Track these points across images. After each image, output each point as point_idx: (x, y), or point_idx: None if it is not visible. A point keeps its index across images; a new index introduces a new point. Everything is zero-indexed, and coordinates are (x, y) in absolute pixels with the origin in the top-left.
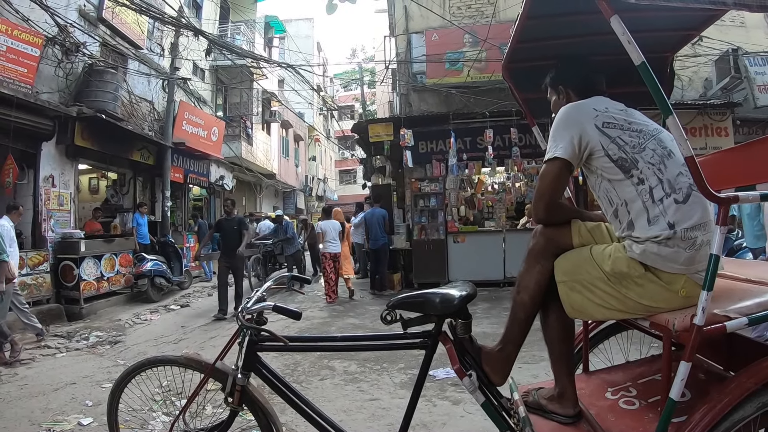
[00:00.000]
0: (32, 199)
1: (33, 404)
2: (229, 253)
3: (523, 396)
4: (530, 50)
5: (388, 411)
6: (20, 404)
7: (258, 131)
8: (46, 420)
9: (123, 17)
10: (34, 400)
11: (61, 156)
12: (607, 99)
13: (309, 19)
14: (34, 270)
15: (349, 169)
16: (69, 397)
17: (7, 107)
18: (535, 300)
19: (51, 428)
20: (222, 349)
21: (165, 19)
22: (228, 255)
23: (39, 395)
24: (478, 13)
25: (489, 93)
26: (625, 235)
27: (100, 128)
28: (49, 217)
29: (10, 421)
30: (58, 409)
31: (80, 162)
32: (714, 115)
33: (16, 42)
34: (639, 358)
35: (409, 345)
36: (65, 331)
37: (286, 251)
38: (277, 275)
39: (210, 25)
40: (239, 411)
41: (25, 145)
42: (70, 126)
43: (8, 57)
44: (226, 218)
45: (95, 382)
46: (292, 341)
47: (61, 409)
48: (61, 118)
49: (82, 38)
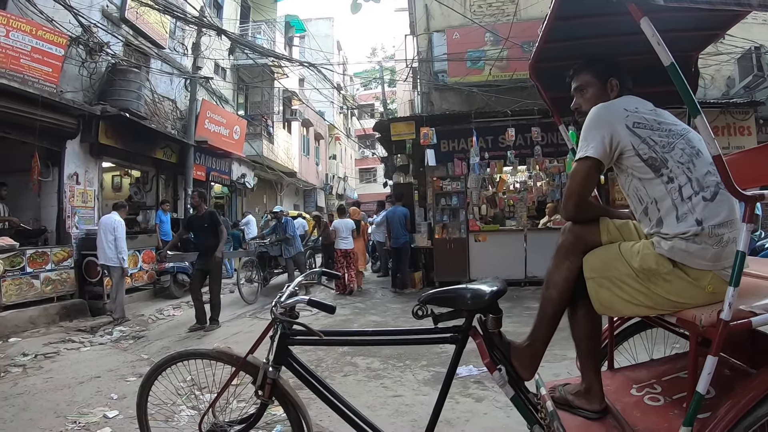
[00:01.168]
0: (57, 196)
1: (58, 397)
2: (203, 254)
3: (550, 391)
4: (558, 50)
5: (411, 407)
6: (46, 397)
7: (279, 130)
8: (71, 412)
9: (146, 17)
10: (59, 393)
11: (86, 154)
12: (638, 99)
13: (329, 18)
14: (58, 266)
15: (369, 167)
16: (94, 390)
17: (33, 106)
18: (564, 296)
19: (77, 420)
20: (254, 342)
21: (188, 18)
22: (200, 257)
23: (64, 388)
24: (499, 11)
25: (511, 92)
26: (653, 232)
27: (124, 127)
28: (74, 214)
29: (36, 413)
30: (83, 402)
31: (104, 160)
32: (737, 114)
33: (41, 42)
34: (663, 356)
35: (439, 339)
36: (89, 326)
37: (286, 253)
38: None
39: (231, 25)
40: (269, 404)
41: (50, 143)
42: (94, 124)
43: (33, 57)
44: (195, 215)
45: (120, 376)
46: (326, 335)
47: (86, 401)
48: (85, 117)
49: (105, 38)
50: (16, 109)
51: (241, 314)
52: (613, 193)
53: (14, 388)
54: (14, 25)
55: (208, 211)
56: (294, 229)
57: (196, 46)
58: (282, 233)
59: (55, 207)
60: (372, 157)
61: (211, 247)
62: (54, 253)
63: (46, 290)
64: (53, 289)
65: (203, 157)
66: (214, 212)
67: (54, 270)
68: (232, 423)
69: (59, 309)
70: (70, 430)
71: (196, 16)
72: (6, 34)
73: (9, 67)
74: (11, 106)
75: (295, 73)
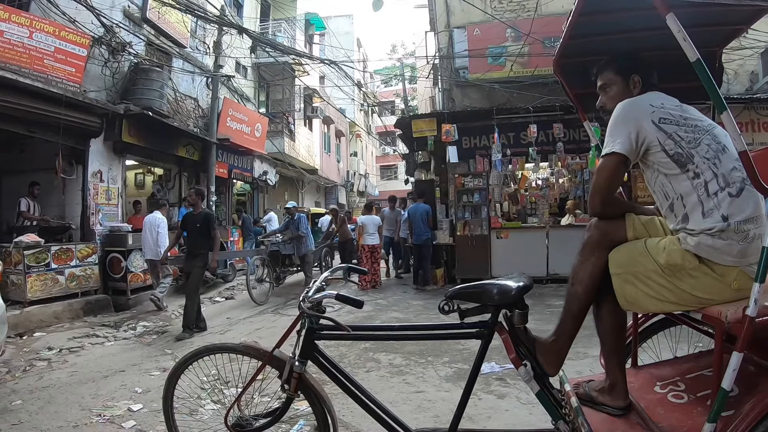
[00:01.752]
0: (81, 194)
1: (83, 390)
2: (189, 256)
3: (574, 388)
4: (582, 46)
5: (434, 403)
6: (71, 390)
7: (300, 127)
8: (96, 405)
9: (167, 17)
10: (84, 387)
11: (109, 152)
12: (663, 94)
13: (348, 16)
14: (83, 262)
15: (390, 164)
16: (118, 383)
17: (57, 105)
18: (589, 292)
19: (101, 413)
20: (281, 337)
21: (209, 17)
22: (187, 259)
23: (89, 382)
24: (520, 6)
25: (532, 88)
26: (679, 228)
27: (147, 125)
28: (98, 211)
29: (62, 406)
30: (107, 396)
31: (127, 158)
32: (761, 109)
33: (64, 42)
34: (687, 354)
35: (465, 335)
36: (113, 321)
37: (297, 251)
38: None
39: (251, 23)
40: (295, 398)
41: (74, 141)
42: (117, 123)
43: (57, 57)
44: (191, 213)
45: (144, 370)
46: (353, 330)
47: (110, 395)
48: (108, 116)
49: (127, 38)
50: (40, 108)
51: (263, 310)
52: (636, 190)
53: (40, 381)
54: (37, 27)
55: (205, 212)
56: (306, 227)
57: (217, 45)
58: (294, 231)
59: (80, 204)
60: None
61: (199, 250)
62: (78, 250)
63: (71, 286)
64: (78, 284)
65: (225, 155)
66: (210, 214)
67: (78, 266)
68: (257, 417)
69: (83, 304)
70: (95, 422)
71: (217, 15)
72: (29, 36)
73: (33, 67)
74: (36, 106)
75: (315, 71)
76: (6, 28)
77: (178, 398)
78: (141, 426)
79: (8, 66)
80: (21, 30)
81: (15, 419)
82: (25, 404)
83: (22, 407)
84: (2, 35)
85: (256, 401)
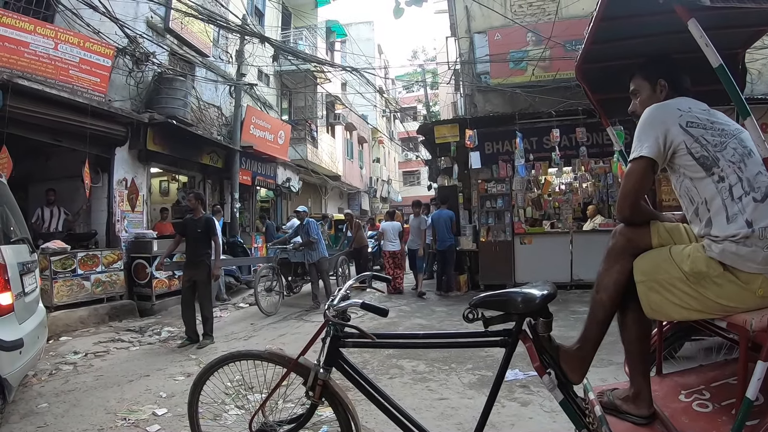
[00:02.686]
0: (106, 201)
1: (108, 394)
2: (190, 264)
3: (598, 396)
4: (604, 51)
5: (457, 410)
6: (96, 394)
7: (323, 134)
8: (121, 409)
9: (189, 27)
10: (109, 390)
11: (134, 160)
12: (691, 99)
13: (369, 22)
14: (108, 268)
15: (413, 170)
16: (143, 388)
17: (83, 115)
18: (614, 300)
19: (126, 417)
20: (305, 344)
21: (231, 27)
22: (188, 267)
23: (114, 386)
24: (540, 10)
25: (554, 92)
26: (704, 234)
27: (171, 133)
28: (123, 218)
29: (87, 409)
30: (132, 399)
31: (152, 165)
32: None
33: (89, 53)
34: (712, 362)
35: (489, 343)
36: (138, 326)
37: (308, 258)
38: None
39: (273, 32)
40: (319, 405)
41: (99, 150)
42: (142, 132)
43: (82, 68)
44: (192, 218)
45: (168, 375)
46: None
47: (135, 399)
48: (133, 125)
49: (151, 48)
50: (66, 118)
51: (287, 316)
52: (660, 194)
53: (65, 385)
54: (62, 38)
55: (206, 217)
56: (317, 232)
57: (239, 54)
58: (305, 236)
59: (105, 211)
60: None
61: (200, 257)
62: (104, 256)
63: (96, 291)
64: (103, 290)
65: (249, 162)
66: (211, 219)
67: (104, 272)
68: (281, 423)
69: (109, 309)
70: (120, 426)
71: (239, 25)
72: (55, 47)
73: (59, 78)
74: (62, 116)
75: (337, 78)
76: (32, 39)
77: (203, 403)
78: (165, 430)
79: (35, 77)
80: (46, 41)
81: (41, 422)
82: (50, 407)
83: (48, 410)
84: (28, 47)
85: (280, 407)
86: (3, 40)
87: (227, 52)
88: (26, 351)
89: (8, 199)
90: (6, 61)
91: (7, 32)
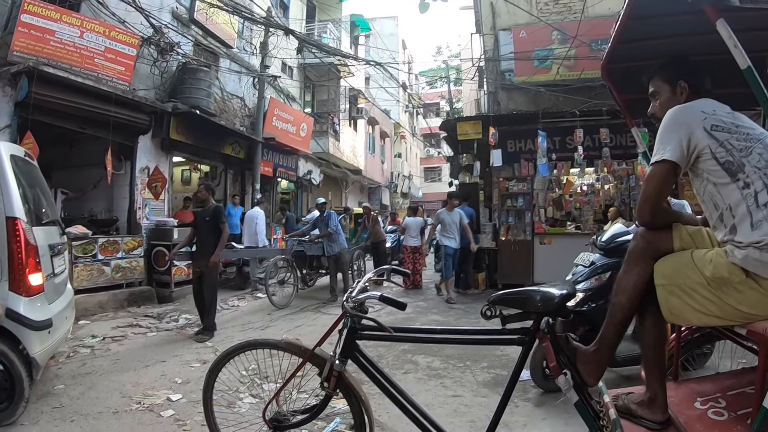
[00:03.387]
0: (128, 189)
1: (124, 378)
2: (199, 254)
3: (613, 399)
4: (630, 50)
5: (470, 408)
6: (112, 378)
7: (345, 127)
8: (136, 393)
9: (214, 18)
10: (125, 375)
11: (157, 148)
12: (715, 101)
13: (393, 17)
14: (128, 254)
15: (434, 166)
16: (159, 373)
17: (107, 103)
18: (633, 303)
19: (141, 401)
20: (322, 335)
21: (256, 19)
22: (199, 256)
23: (130, 370)
24: (566, 8)
25: (579, 91)
26: (727, 239)
27: (194, 123)
28: (144, 206)
29: (102, 392)
30: (148, 385)
31: (174, 154)
32: None
33: (114, 42)
34: (729, 370)
35: (506, 341)
36: (156, 313)
37: (328, 250)
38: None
39: (297, 24)
40: (333, 396)
41: (123, 138)
42: (165, 121)
43: (107, 56)
44: (201, 209)
45: (184, 362)
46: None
47: (151, 384)
48: (156, 114)
49: (175, 38)
50: (91, 105)
51: (305, 307)
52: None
53: (82, 367)
54: (88, 27)
55: (215, 206)
56: (337, 223)
57: (263, 46)
58: (324, 228)
59: (127, 199)
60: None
61: (210, 247)
62: (125, 242)
63: (116, 277)
64: (123, 276)
65: (270, 154)
66: (219, 207)
67: (124, 258)
68: (294, 412)
69: (128, 295)
70: (134, 410)
71: (264, 17)
72: (80, 35)
73: (84, 66)
74: (87, 103)
75: (360, 72)
76: (57, 28)
77: (218, 390)
78: (179, 415)
79: (60, 64)
80: (72, 30)
81: (56, 403)
82: (67, 389)
83: (64, 392)
84: (54, 35)
85: (294, 397)
86: (29, 28)
87: (251, 43)
88: (54, 331)
89: (40, 181)
90: (32, 49)
91: (33, 20)
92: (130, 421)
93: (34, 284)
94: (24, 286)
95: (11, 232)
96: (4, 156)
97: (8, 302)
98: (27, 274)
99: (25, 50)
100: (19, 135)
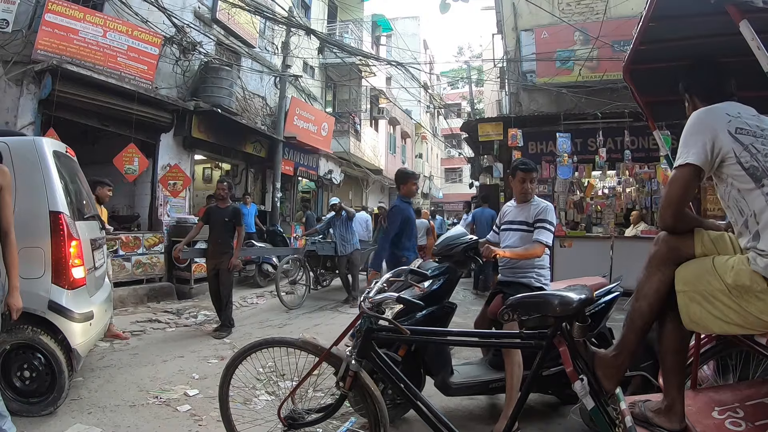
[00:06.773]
0: (150, 186)
1: (142, 372)
2: (215, 253)
3: (630, 406)
4: (653, 52)
5: (486, 411)
6: (130, 371)
7: (366, 127)
8: (154, 388)
9: (236, 18)
10: (143, 369)
11: (178, 147)
12: (739, 104)
13: (415, 17)
14: (149, 250)
15: (455, 167)
16: (176, 368)
17: (130, 101)
18: (654, 308)
19: (158, 396)
20: (339, 335)
21: (277, 19)
22: (215, 255)
23: (148, 365)
24: (589, 9)
25: (601, 93)
26: (750, 246)
27: (216, 122)
28: (166, 203)
29: (120, 385)
30: (165, 379)
31: (196, 152)
32: None
33: (137, 42)
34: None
35: (524, 345)
36: (175, 308)
37: (341, 250)
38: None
39: (319, 24)
40: (348, 395)
41: (145, 135)
42: (187, 119)
43: (130, 55)
44: (217, 207)
45: (202, 357)
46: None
47: (168, 379)
48: (179, 112)
49: (198, 38)
50: (114, 104)
51: (323, 306)
52: (705, 203)
53: (101, 361)
54: (111, 26)
55: (233, 206)
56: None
57: (285, 46)
58: (344, 229)
59: (149, 196)
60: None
61: (227, 247)
62: (146, 239)
63: (137, 272)
64: (143, 271)
65: (291, 153)
66: (238, 209)
67: (145, 254)
68: (309, 411)
69: (148, 290)
70: (151, 404)
71: (285, 17)
72: (103, 35)
73: (107, 64)
74: (110, 101)
75: (382, 72)
76: (81, 27)
77: (234, 387)
78: (195, 411)
79: (83, 63)
80: (95, 29)
81: (75, 395)
82: (85, 381)
83: (83, 384)
84: (77, 34)
85: (310, 396)
86: (53, 27)
87: (273, 43)
88: (95, 323)
89: (80, 176)
90: (55, 47)
91: (57, 19)
92: (147, 414)
93: (77, 277)
94: (67, 279)
95: (55, 226)
96: (48, 152)
97: (51, 294)
98: (70, 267)
99: (48, 49)
100: (43, 132)
